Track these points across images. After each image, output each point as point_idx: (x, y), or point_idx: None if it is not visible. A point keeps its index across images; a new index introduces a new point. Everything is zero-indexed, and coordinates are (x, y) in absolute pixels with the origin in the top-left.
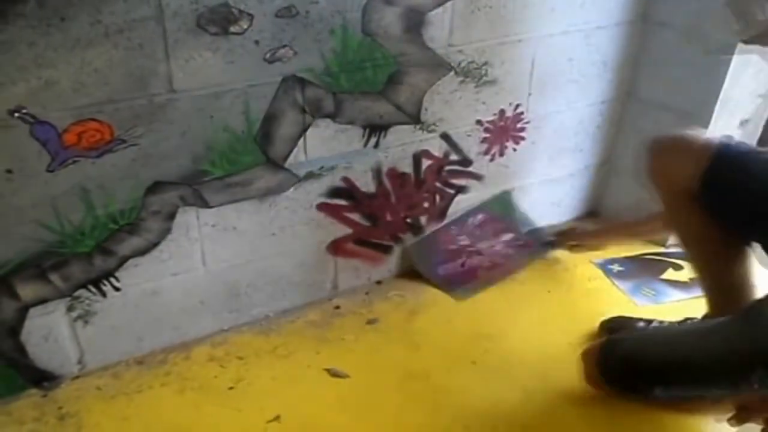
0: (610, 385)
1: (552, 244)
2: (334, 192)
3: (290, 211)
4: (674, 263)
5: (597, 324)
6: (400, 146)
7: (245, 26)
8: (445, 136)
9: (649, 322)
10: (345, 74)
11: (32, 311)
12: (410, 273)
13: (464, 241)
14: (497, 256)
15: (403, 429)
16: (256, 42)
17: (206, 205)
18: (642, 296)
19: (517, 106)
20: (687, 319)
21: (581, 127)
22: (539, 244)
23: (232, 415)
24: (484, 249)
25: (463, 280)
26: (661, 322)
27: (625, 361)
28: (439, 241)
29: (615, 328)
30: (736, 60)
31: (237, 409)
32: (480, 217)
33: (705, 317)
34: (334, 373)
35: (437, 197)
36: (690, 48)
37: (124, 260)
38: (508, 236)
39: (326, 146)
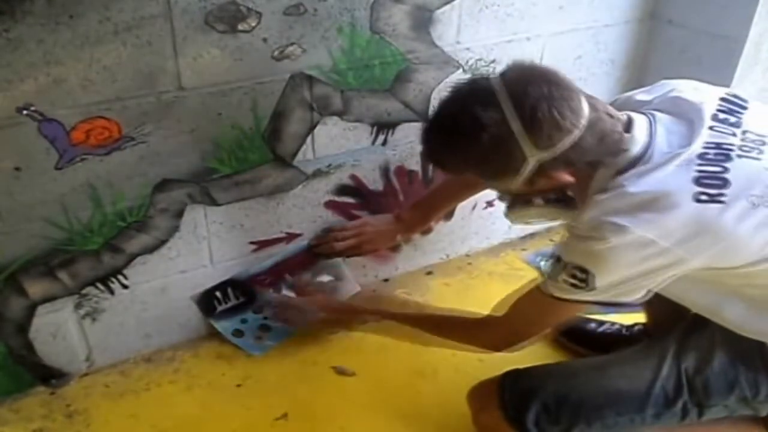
0: (518, 427)
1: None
2: (342, 189)
3: (298, 208)
4: None
5: None
6: (408, 144)
7: (253, 24)
8: None
9: (600, 323)
10: (353, 72)
11: (40, 309)
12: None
13: None
14: None
15: (411, 427)
16: (264, 39)
17: (214, 202)
18: None
19: None
20: (636, 324)
21: None
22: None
23: (240, 412)
24: None
25: None
26: (612, 324)
27: (553, 403)
28: None
29: (569, 325)
30: (743, 57)
31: (245, 406)
32: None
33: (646, 325)
34: (340, 371)
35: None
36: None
37: (132, 258)
38: None
39: (334, 144)
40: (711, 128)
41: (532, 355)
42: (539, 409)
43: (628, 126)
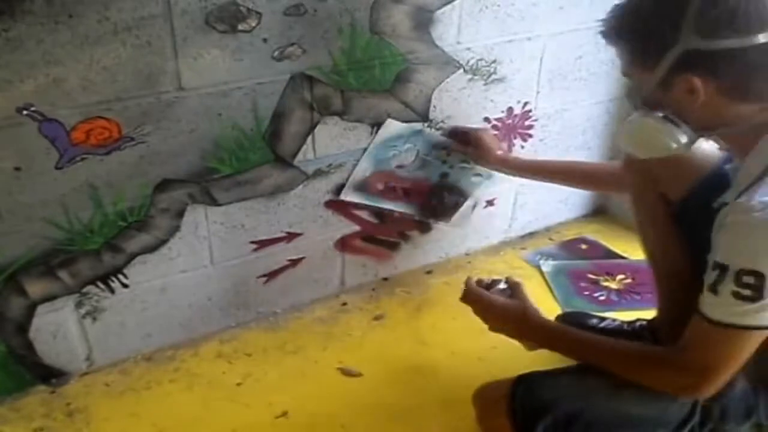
0: None
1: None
2: (342, 189)
3: (299, 208)
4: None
5: None
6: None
7: (253, 24)
8: None
9: (602, 319)
10: (353, 72)
11: (40, 308)
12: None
13: None
14: None
15: (410, 425)
16: (265, 40)
17: (215, 202)
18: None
19: (526, 103)
20: (638, 320)
21: (589, 124)
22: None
23: (240, 410)
24: None
25: None
26: (614, 320)
27: (564, 421)
28: None
29: (571, 322)
30: None
31: (245, 405)
32: None
33: (652, 321)
34: (347, 372)
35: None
36: None
37: (132, 257)
38: None
39: (334, 144)
40: None
41: (535, 352)
42: (549, 425)
43: None
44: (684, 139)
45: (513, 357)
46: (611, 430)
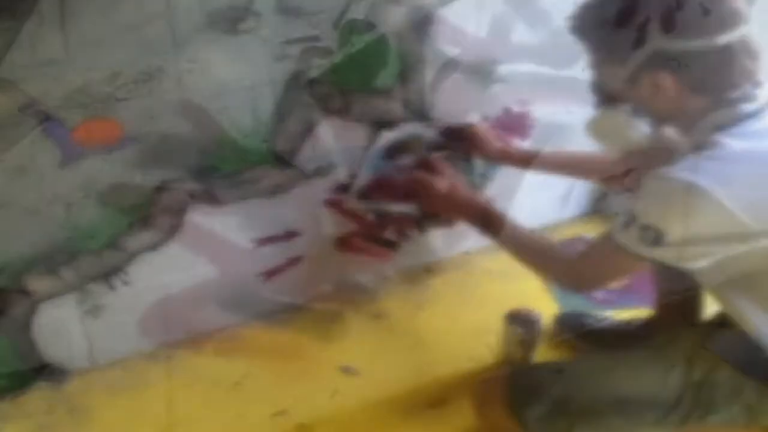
0: (523, 423)
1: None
2: (342, 188)
3: (299, 207)
4: None
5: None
6: None
7: (253, 24)
8: None
9: (600, 318)
10: (353, 72)
11: (42, 306)
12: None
13: None
14: None
15: (410, 424)
16: (264, 40)
17: (215, 201)
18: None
19: (525, 103)
20: (634, 319)
21: None
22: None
23: (239, 408)
24: None
25: None
26: (611, 319)
27: (558, 403)
28: None
29: (569, 322)
30: None
31: (244, 403)
32: None
33: (648, 319)
34: (346, 371)
35: None
36: None
37: (133, 255)
38: None
39: (334, 143)
40: None
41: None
42: (543, 408)
43: (756, 84)
44: (646, 132)
45: None
46: (605, 413)
